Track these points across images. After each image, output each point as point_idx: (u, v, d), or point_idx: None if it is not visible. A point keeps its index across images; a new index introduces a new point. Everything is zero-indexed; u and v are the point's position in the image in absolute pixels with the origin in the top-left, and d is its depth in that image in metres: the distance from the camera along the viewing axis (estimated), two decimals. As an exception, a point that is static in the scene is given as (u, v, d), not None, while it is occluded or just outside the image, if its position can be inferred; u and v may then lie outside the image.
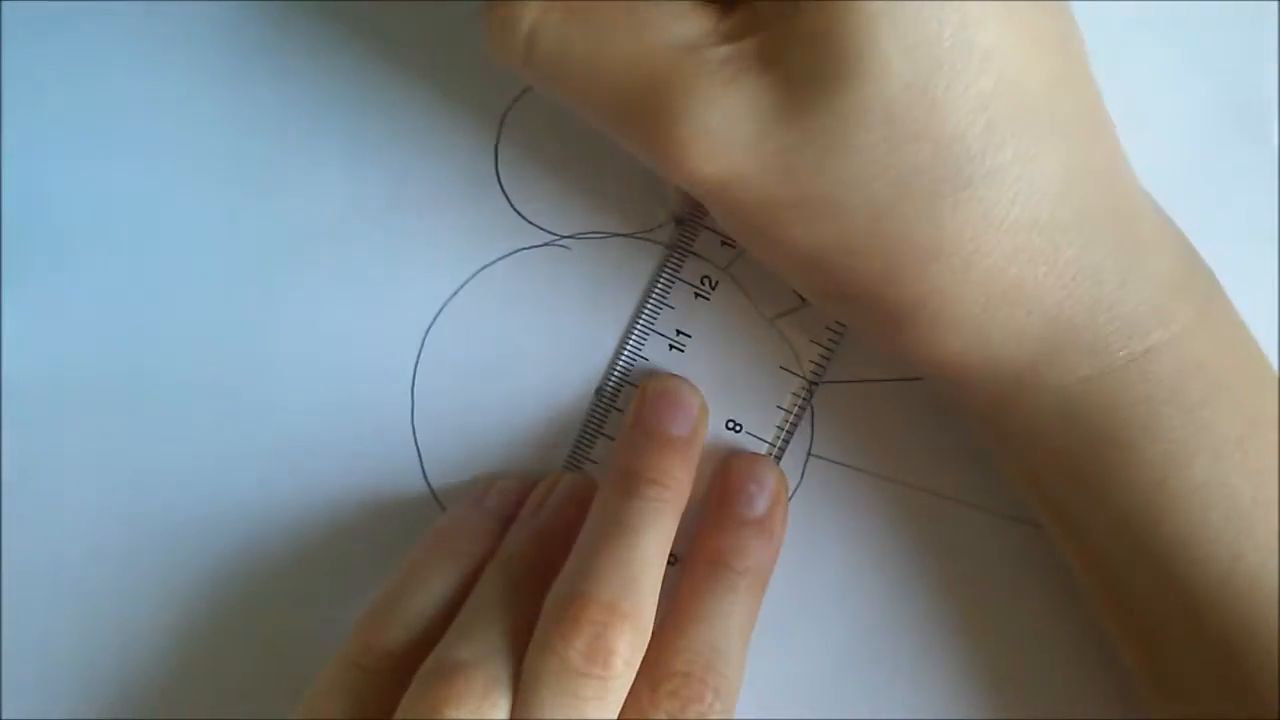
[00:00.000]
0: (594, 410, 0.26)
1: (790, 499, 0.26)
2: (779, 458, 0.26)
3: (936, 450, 0.26)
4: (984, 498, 0.26)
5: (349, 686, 0.23)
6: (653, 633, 0.22)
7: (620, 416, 0.26)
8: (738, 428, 0.26)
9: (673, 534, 0.24)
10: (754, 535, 0.25)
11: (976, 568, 0.26)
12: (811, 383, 0.26)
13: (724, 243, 0.26)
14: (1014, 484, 0.25)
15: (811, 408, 0.26)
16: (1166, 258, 0.21)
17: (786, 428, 0.26)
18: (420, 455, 0.27)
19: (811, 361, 0.26)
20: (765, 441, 0.26)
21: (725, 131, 0.19)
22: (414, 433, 0.27)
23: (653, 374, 0.26)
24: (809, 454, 0.26)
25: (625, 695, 0.22)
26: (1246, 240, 0.26)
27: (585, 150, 0.27)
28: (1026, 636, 0.26)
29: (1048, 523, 0.24)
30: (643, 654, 0.22)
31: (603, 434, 0.26)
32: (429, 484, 0.27)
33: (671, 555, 0.25)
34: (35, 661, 0.27)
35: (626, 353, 0.26)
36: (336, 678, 0.24)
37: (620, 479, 0.24)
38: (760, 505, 0.25)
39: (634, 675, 0.22)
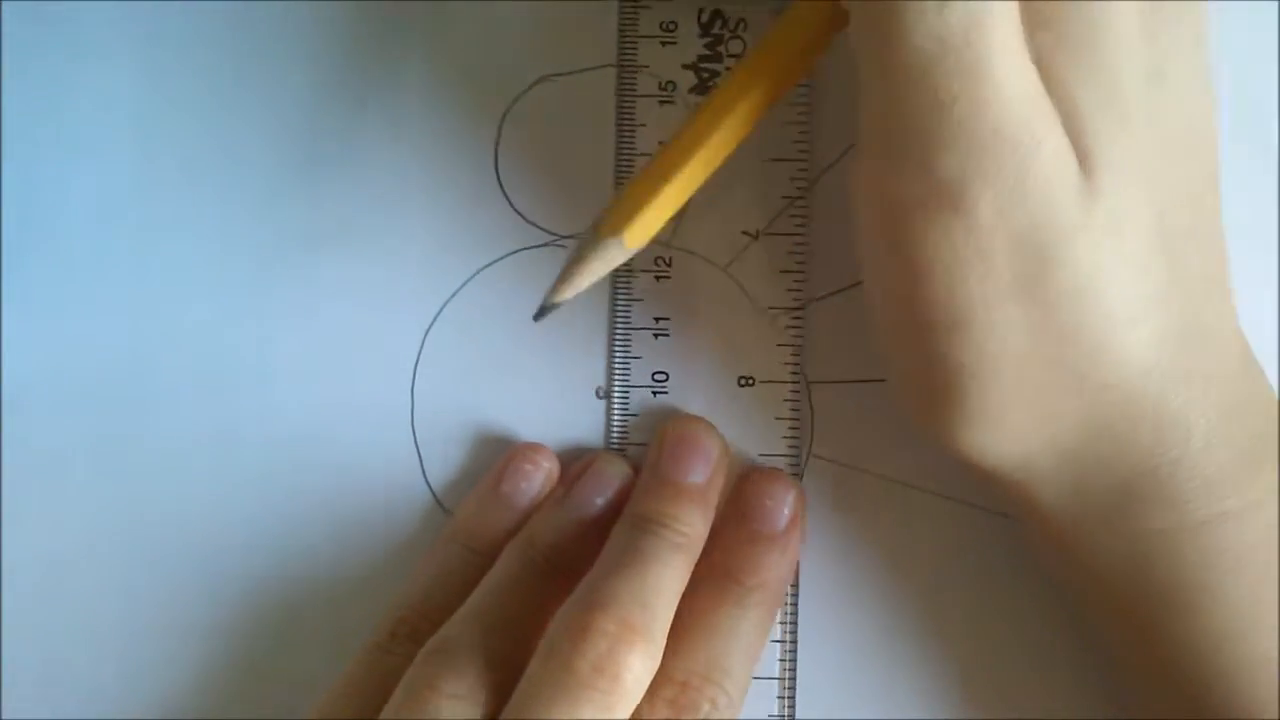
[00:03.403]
0: (609, 410, 0.27)
1: (791, 499, 0.26)
2: (798, 390, 0.26)
3: (936, 450, 0.26)
4: (984, 497, 0.26)
5: (375, 670, 0.24)
6: None
7: (632, 420, 0.26)
8: (750, 382, 0.26)
9: (687, 575, 0.23)
10: (768, 551, 0.25)
11: (977, 567, 0.26)
12: (797, 305, 0.26)
13: None
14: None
15: (811, 407, 0.26)
16: (1255, 424, 0.21)
17: (794, 362, 0.26)
18: (420, 455, 0.27)
19: (788, 290, 0.26)
20: (785, 383, 0.26)
21: None
22: (414, 433, 0.27)
23: (673, 415, 0.26)
24: (809, 454, 0.26)
25: (629, 716, 0.21)
26: (1246, 240, 0.26)
27: (585, 150, 0.27)
28: (1028, 636, 0.26)
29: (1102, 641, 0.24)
30: (652, 675, 0.22)
31: (615, 430, 0.26)
32: (429, 484, 0.27)
33: None
34: (35, 661, 0.27)
35: (618, 357, 0.26)
36: (361, 663, 0.24)
37: (635, 520, 0.24)
38: (778, 521, 0.25)
39: (640, 697, 0.21)
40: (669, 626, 0.22)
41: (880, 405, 0.26)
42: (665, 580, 0.23)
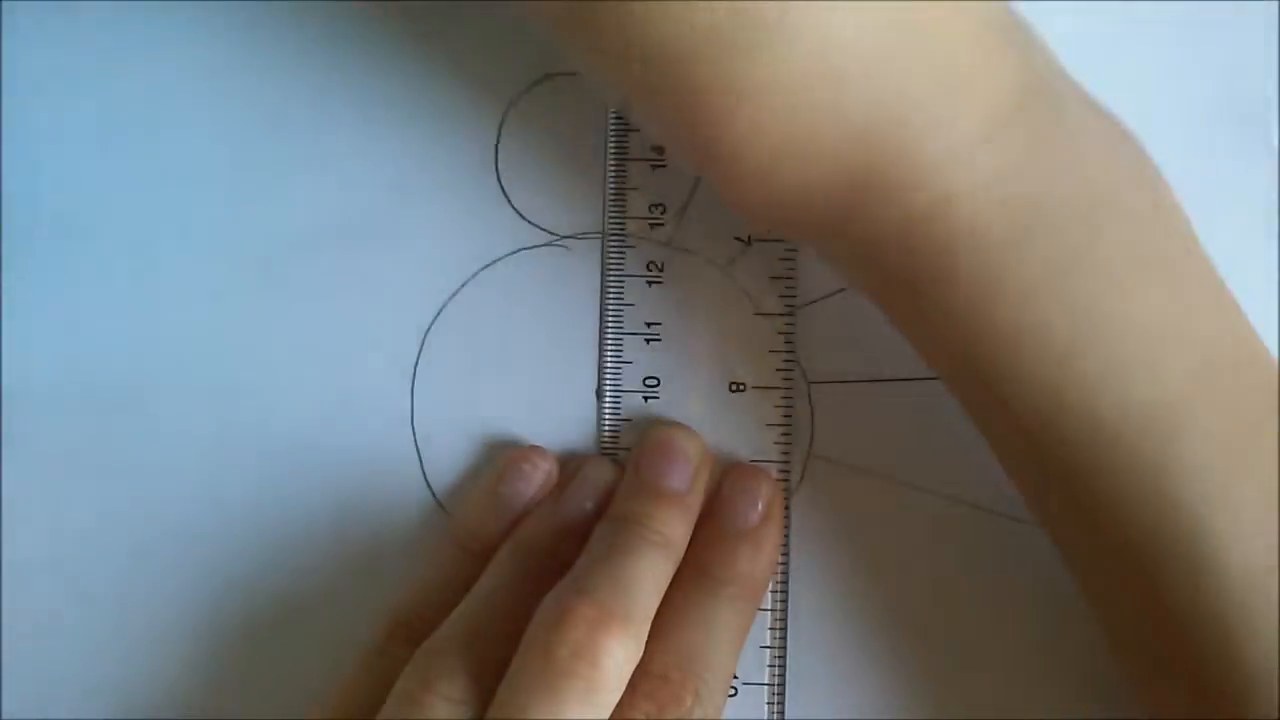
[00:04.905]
0: (599, 415, 0.27)
1: (791, 499, 0.26)
2: (789, 396, 0.26)
3: (937, 450, 0.26)
4: (985, 497, 0.26)
5: (373, 673, 0.24)
6: None
7: (624, 425, 0.26)
8: (741, 387, 0.26)
9: (668, 573, 0.23)
10: (740, 546, 0.25)
11: (977, 567, 0.26)
12: (789, 311, 0.26)
13: (652, 224, 0.26)
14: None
15: (812, 407, 0.26)
16: (989, 91, 0.20)
17: (786, 367, 0.26)
18: (420, 455, 0.27)
19: (780, 296, 0.26)
20: (776, 389, 0.26)
21: None
22: (414, 433, 0.27)
23: (655, 421, 0.26)
24: (809, 454, 0.26)
25: (612, 708, 0.21)
26: (1246, 240, 0.26)
27: (585, 150, 0.27)
28: (1027, 636, 0.26)
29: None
30: (634, 666, 0.22)
31: (606, 435, 0.26)
32: (429, 484, 0.27)
33: None
34: (35, 661, 0.27)
35: (609, 362, 0.26)
36: (359, 667, 0.24)
37: (615, 519, 0.24)
38: (750, 517, 0.25)
39: (622, 689, 0.21)
40: (650, 619, 0.22)
41: (882, 405, 0.26)
42: (644, 573, 0.23)
